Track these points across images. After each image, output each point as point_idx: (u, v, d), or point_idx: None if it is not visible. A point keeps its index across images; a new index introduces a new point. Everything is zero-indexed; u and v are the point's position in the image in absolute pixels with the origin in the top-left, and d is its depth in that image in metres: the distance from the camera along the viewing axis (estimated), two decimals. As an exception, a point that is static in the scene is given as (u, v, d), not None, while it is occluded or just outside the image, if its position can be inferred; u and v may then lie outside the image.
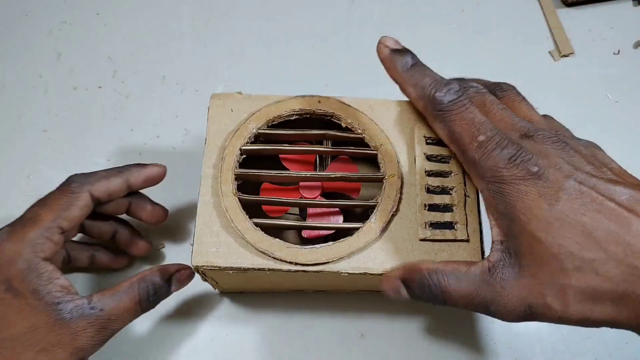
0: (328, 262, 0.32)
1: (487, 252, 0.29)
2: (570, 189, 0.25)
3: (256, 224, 0.33)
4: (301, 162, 0.38)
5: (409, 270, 0.28)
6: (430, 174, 0.34)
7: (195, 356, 0.40)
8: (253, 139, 0.35)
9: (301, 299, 0.41)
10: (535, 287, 0.24)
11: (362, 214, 0.37)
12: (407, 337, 0.40)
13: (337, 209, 0.36)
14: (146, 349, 0.40)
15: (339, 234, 0.34)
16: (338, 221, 0.36)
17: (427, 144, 0.34)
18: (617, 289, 0.23)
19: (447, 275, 0.26)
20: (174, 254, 0.43)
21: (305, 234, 0.36)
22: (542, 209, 0.25)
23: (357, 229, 0.33)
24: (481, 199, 0.30)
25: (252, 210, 0.34)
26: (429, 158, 0.34)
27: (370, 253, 0.32)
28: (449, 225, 0.33)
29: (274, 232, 0.33)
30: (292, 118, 0.36)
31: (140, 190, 0.38)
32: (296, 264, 0.32)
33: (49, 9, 0.53)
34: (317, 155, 0.38)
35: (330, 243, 0.32)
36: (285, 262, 0.32)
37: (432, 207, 0.33)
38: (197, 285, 0.39)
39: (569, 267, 0.23)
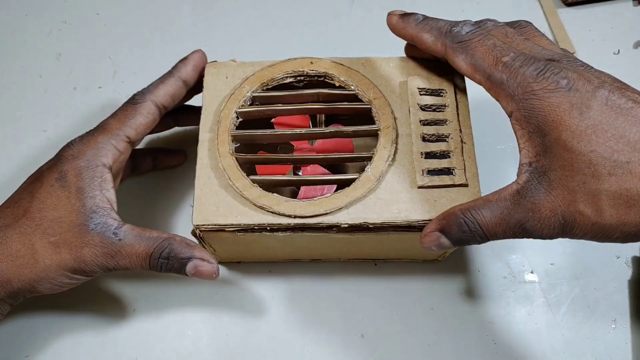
0: (326, 214, 0.32)
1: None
2: (601, 97, 0.25)
3: (253, 181, 0.33)
4: (295, 127, 0.38)
5: (444, 218, 0.29)
6: (425, 123, 0.34)
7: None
8: (249, 102, 0.35)
9: (299, 297, 0.41)
10: (567, 197, 0.24)
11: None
12: (407, 337, 0.40)
13: (330, 173, 0.36)
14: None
15: None
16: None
17: (421, 95, 0.35)
18: None
19: (479, 210, 0.27)
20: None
21: (301, 196, 0.35)
22: (574, 117, 0.25)
23: (354, 179, 0.33)
24: (509, 125, 0.29)
25: (248, 173, 0.34)
26: (423, 108, 0.34)
27: (368, 202, 0.32)
28: (447, 172, 0.33)
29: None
30: (286, 81, 0.36)
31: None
32: (295, 216, 0.32)
33: (49, 9, 0.53)
34: (310, 123, 0.38)
35: (327, 194, 0.32)
36: (284, 215, 0.32)
37: (429, 155, 0.33)
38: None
39: (602, 172, 0.23)
